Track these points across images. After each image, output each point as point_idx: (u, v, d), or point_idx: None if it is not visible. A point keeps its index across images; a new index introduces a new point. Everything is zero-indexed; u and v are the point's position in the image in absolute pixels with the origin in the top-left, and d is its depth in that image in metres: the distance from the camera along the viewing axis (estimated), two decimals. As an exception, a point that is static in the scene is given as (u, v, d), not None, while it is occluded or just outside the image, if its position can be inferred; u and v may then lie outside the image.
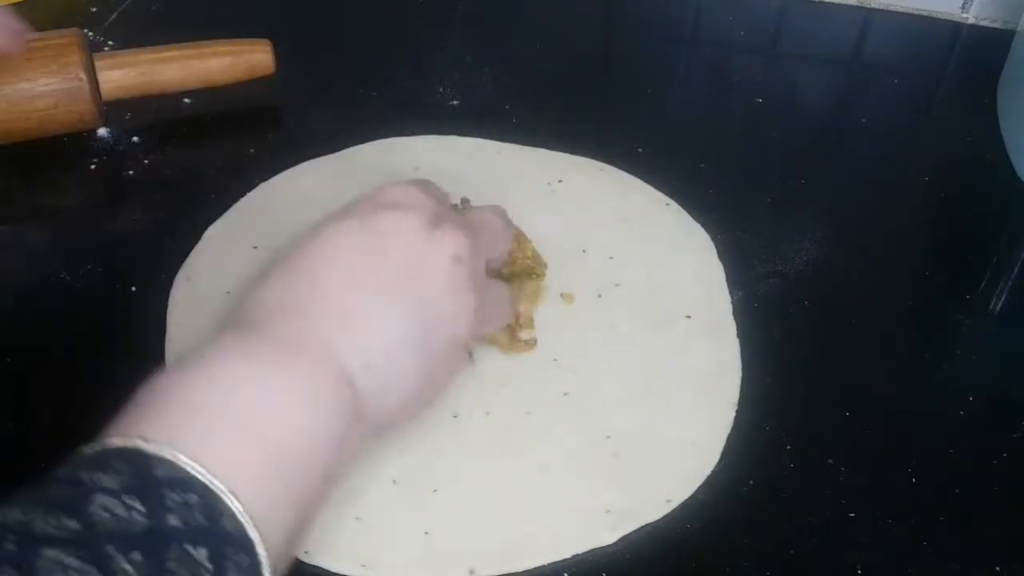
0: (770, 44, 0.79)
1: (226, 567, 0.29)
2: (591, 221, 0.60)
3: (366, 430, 0.38)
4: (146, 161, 0.65)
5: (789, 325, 0.56)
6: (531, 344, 0.52)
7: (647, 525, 0.47)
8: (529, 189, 0.61)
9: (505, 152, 0.66)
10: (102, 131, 0.66)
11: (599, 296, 0.57)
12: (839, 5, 0.81)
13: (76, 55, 0.62)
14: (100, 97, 0.64)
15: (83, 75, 0.62)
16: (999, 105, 0.71)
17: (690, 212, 0.62)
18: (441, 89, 0.72)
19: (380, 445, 0.49)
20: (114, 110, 0.66)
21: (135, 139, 0.66)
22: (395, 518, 0.47)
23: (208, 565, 0.29)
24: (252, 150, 0.66)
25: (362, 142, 0.66)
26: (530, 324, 0.53)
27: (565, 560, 0.45)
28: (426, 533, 0.46)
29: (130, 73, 0.64)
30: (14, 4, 0.78)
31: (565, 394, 0.52)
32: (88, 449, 0.31)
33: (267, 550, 0.31)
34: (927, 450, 0.50)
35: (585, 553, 0.46)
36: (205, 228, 0.60)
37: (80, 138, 0.66)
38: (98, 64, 0.64)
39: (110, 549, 0.27)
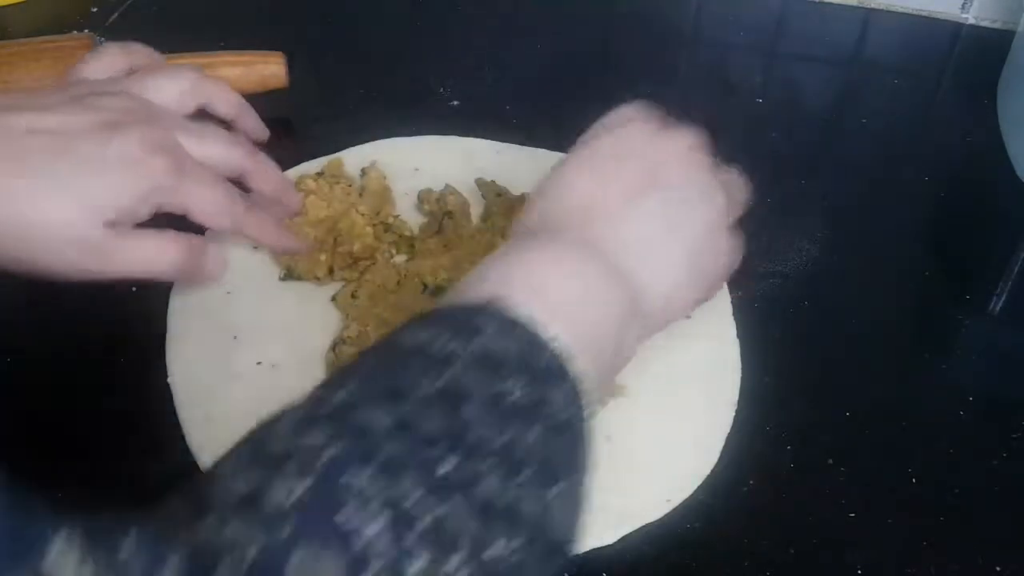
0: (770, 44, 0.79)
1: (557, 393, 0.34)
2: (591, 221, 0.60)
3: (643, 326, 0.42)
4: (146, 161, 0.65)
5: (789, 325, 0.56)
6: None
7: (647, 525, 0.47)
8: (529, 189, 0.61)
9: (505, 152, 0.66)
10: (102, 131, 0.66)
11: (599, 296, 0.57)
12: (839, 5, 0.81)
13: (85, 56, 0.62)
14: None
15: None
16: (999, 105, 0.71)
17: (690, 212, 0.62)
18: (441, 89, 0.72)
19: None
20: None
21: (135, 139, 0.66)
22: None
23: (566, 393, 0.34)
24: (252, 150, 0.66)
25: (362, 142, 0.66)
26: None
27: (565, 560, 0.45)
28: (426, 533, 0.46)
29: None
30: (14, 4, 0.78)
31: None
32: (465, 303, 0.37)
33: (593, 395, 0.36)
34: (927, 450, 0.50)
35: (585, 553, 0.46)
36: (205, 228, 0.60)
37: (80, 138, 0.66)
38: None
39: (508, 374, 0.33)
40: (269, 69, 0.66)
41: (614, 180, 0.44)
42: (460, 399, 0.31)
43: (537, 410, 0.32)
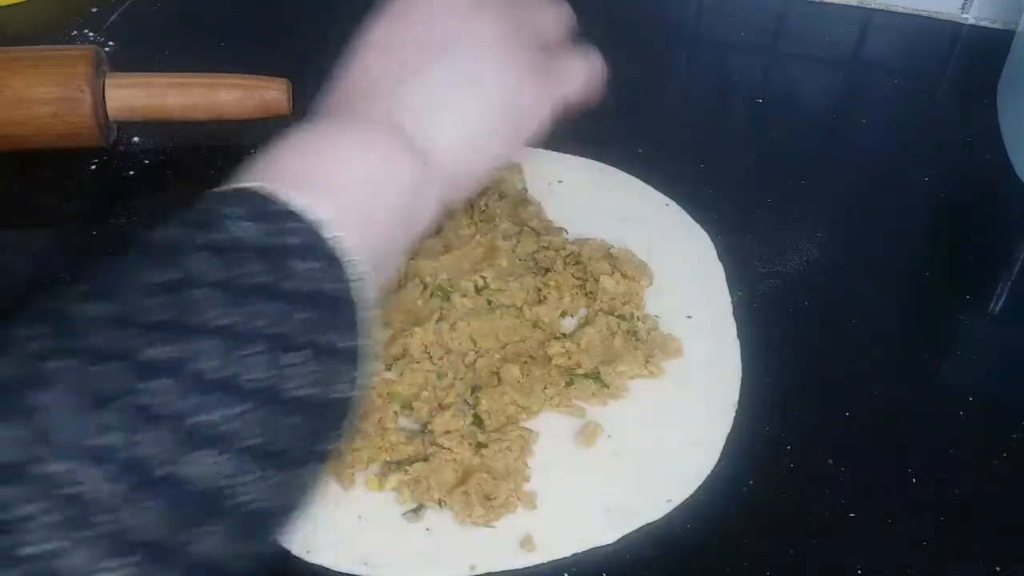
0: (770, 44, 0.79)
1: (323, 271, 0.35)
2: (591, 221, 0.60)
3: (441, 185, 0.43)
4: (146, 161, 0.65)
5: (789, 325, 0.56)
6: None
7: (647, 525, 0.47)
8: (529, 189, 0.61)
9: (505, 152, 0.66)
10: (102, 131, 0.66)
11: (599, 296, 0.57)
12: (839, 5, 0.81)
13: (83, 67, 0.61)
14: (106, 115, 0.63)
15: (85, 87, 0.61)
16: (999, 105, 0.71)
17: (690, 212, 0.62)
18: (441, 89, 0.71)
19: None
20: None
21: (135, 139, 0.67)
22: (397, 516, 0.47)
23: (312, 266, 0.35)
24: (253, 150, 0.66)
25: (362, 142, 0.66)
26: None
27: (565, 559, 0.46)
28: (427, 530, 0.46)
29: (138, 94, 0.63)
30: (14, 4, 0.78)
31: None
32: (216, 191, 0.38)
33: (358, 262, 0.36)
34: (927, 450, 0.50)
35: (585, 553, 0.46)
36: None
37: (80, 138, 0.66)
38: (108, 82, 0.63)
39: (245, 256, 0.34)
40: (271, 94, 0.64)
41: (399, 50, 0.45)
42: (184, 286, 0.33)
43: (273, 287, 0.34)
